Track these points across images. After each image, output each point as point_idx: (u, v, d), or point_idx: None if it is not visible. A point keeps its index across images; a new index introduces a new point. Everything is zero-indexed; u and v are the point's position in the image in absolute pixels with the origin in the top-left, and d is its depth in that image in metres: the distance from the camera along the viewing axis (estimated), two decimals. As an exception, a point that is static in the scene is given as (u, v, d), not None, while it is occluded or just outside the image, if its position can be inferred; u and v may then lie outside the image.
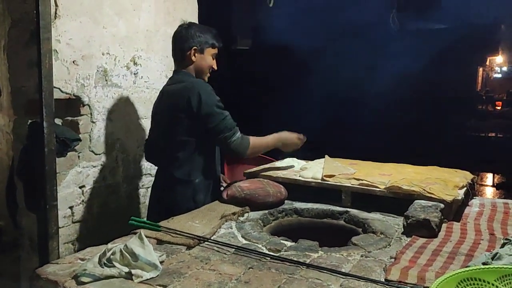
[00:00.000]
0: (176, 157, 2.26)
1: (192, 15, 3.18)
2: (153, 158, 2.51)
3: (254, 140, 2.28)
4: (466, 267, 1.23)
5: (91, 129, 2.56)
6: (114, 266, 1.40)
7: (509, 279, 1.16)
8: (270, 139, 2.39)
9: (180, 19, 2.98)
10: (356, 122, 8.86)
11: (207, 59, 2.33)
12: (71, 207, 2.48)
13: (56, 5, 2.30)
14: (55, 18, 2.29)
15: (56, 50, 2.30)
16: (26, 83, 2.31)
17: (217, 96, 2.24)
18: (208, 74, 2.37)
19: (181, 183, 2.25)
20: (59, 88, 2.33)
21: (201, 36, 2.29)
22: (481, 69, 18.41)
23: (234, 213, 2.00)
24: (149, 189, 2.55)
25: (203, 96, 2.16)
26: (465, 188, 2.14)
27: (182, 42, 2.31)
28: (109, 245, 1.48)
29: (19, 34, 2.32)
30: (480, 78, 18.71)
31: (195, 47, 2.28)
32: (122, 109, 2.73)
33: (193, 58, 2.29)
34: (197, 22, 3.20)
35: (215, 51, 2.35)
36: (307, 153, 2.78)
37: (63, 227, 2.40)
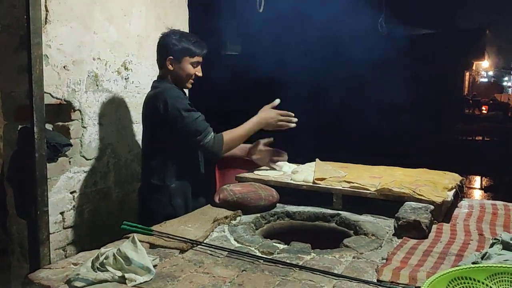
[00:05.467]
0: (151, 163, 2.31)
1: (182, 21, 3.19)
2: None
3: (228, 135, 2.25)
4: (457, 266, 1.26)
5: (82, 134, 2.55)
6: (107, 270, 1.39)
7: (499, 278, 1.18)
8: (247, 126, 2.32)
9: (171, 24, 2.99)
10: (345, 126, 8.92)
11: (186, 68, 2.29)
12: (62, 213, 2.47)
13: (47, 10, 2.30)
14: (46, 23, 2.29)
15: (46, 55, 2.29)
16: (16, 88, 2.30)
17: (186, 100, 2.23)
18: (190, 81, 2.35)
19: (157, 189, 2.28)
20: (49, 93, 2.33)
21: (177, 45, 2.26)
22: (467, 73, 18.68)
23: (226, 217, 2.01)
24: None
25: (169, 100, 2.17)
26: (454, 190, 2.18)
27: (159, 51, 2.33)
28: (102, 250, 1.48)
29: (8, 39, 2.31)
30: (466, 83, 18.96)
31: (170, 57, 2.28)
32: (113, 114, 2.73)
33: (169, 67, 2.30)
34: (187, 27, 3.21)
35: (195, 59, 2.30)
36: (298, 157, 2.80)
37: (54, 233, 2.39)
